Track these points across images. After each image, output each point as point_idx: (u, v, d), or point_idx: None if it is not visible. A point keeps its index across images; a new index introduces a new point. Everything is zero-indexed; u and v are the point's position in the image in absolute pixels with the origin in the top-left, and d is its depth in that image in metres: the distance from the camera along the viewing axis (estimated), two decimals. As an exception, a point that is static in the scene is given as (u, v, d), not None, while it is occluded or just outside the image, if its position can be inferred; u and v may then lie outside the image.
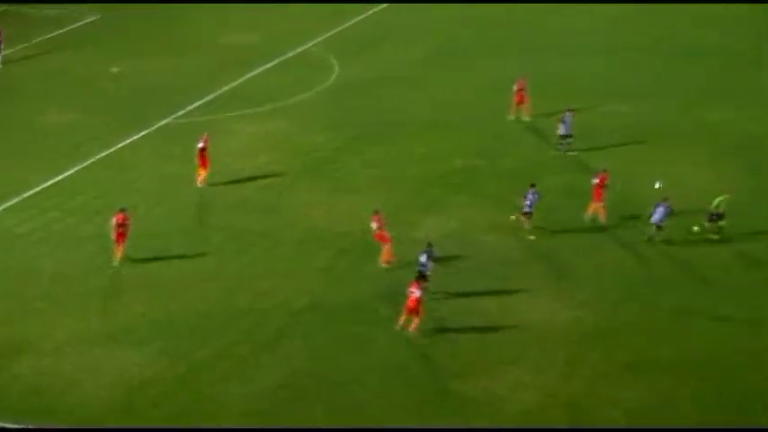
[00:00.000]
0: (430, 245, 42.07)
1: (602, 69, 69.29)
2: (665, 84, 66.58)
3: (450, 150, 56.50)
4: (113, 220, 44.25)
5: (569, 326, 40.23)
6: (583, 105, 59.60)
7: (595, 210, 47.98)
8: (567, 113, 55.73)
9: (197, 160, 51.94)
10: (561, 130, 55.51)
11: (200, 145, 51.93)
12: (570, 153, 55.26)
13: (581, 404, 35.82)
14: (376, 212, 44.81)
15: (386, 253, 44.12)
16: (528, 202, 46.55)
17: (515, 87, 59.99)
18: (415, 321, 38.95)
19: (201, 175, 51.96)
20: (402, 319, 39.21)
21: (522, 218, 46.76)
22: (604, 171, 48.54)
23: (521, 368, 37.68)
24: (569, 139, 55.37)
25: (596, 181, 48.01)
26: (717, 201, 46.59)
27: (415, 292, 38.90)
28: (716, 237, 46.40)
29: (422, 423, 34.72)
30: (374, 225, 44.39)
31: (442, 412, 35.35)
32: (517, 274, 43.90)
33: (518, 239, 46.72)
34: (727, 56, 71.77)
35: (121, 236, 44.10)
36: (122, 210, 44.60)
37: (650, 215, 45.62)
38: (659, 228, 45.33)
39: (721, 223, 46.43)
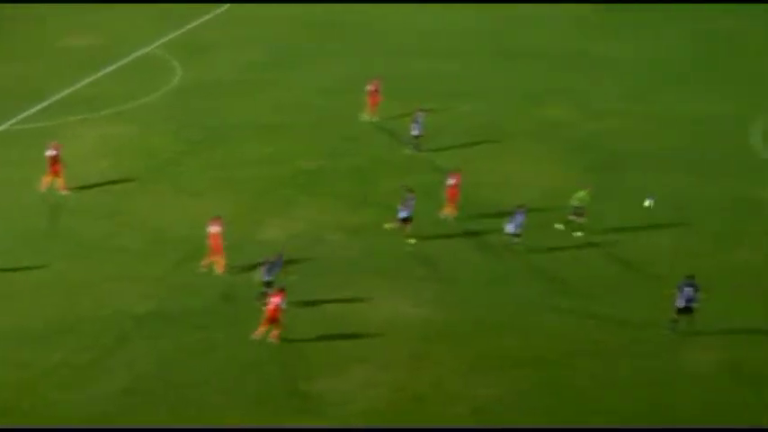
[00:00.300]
0: (279, 255, 41.67)
1: (447, 70, 69.85)
2: (506, 83, 67.47)
3: (296, 152, 56.36)
4: None
5: (415, 323, 40.41)
6: (429, 105, 59.88)
7: (449, 209, 48.35)
8: (419, 113, 56.07)
9: (48, 168, 50.73)
10: (414, 131, 55.86)
11: (51, 153, 50.72)
12: (423, 153, 55.58)
13: (428, 399, 36.02)
14: (215, 218, 44.35)
15: (219, 263, 43.74)
16: (406, 207, 46.38)
17: (370, 88, 60.14)
18: (275, 331, 38.68)
19: (47, 182, 50.80)
20: (261, 329, 38.88)
21: (400, 224, 46.56)
22: (458, 171, 48.99)
23: (368, 366, 37.71)
24: (420, 139, 55.78)
25: (452, 182, 48.43)
26: (578, 195, 47.34)
27: (274, 301, 38.64)
28: (580, 233, 47.15)
29: (271, 423, 34.54)
30: (213, 230, 43.85)
31: (292, 411, 35.23)
32: (364, 274, 43.90)
33: (363, 239, 46.87)
34: (563, 56, 72.99)
35: None
36: None
37: (508, 222, 45.66)
38: (517, 235, 45.52)
39: (580, 220, 47.25)
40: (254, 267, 42.70)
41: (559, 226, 47.42)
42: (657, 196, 45.99)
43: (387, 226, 46.78)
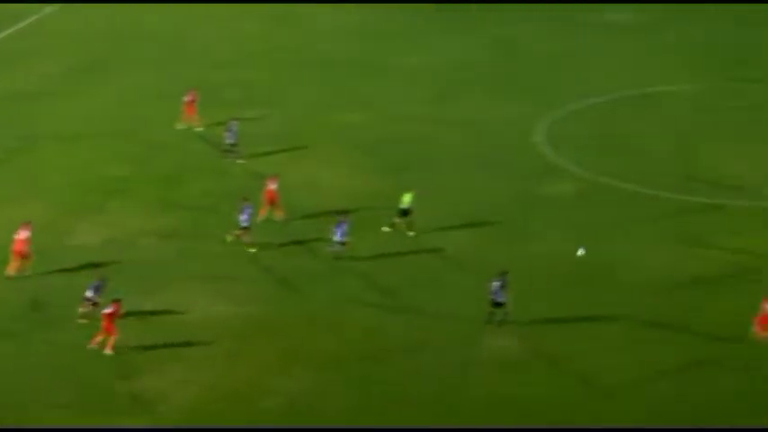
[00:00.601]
0: (102, 279, 41.87)
1: (247, 78, 70.74)
2: (305, 91, 68.89)
3: (107, 159, 56.91)
4: None
5: (230, 322, 41.62)
6: (226, 114, 60.06)
7: (272, 211, 49.62)
8: (233, 122, 57.13)
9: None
10: (228, 139, 56.90)
11: None
12: (239, 161, 56.74)
13: (242, 395, 37.22)
14: (25, 224, 44.66)
15: (19, 266, 44.03)
16: (245, 216, 46.94)
17: (187, 98, 60.80)
18: (111, 340, 39.12)
19: None
20: (97, 338, 39.35)
21: (240, 233, 47.19)
22: (276, 175, 50.49)
23: (184, 364, 38.76)
24: (236, 147, 56.84)
25: (273, 186, 49.75)
26: (405, 198, 48.99)
27: (108, 310, 39.18)
28: (411, 233, 48.85)
29: (89, 423, 35.16)
30: (22, 235, 44.04)
31: (108, 411, 35.95)
32: (178, 276, 45.00)
33: (176, 243, 47.97)
34: (360, 63, 74.53)
35: None
36: None
37: (334, 231, 46.53)
38: (342, 244, 46.45)
39: (407, 221, 48.85)
40: (65, 272, 43.28)
41: (386, 228, 49.12)
42: (587, 248, 46.95)
43: (228, 238, 47.43)
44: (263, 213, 49.41)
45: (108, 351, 38.98)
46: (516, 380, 38.41)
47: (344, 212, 46.94)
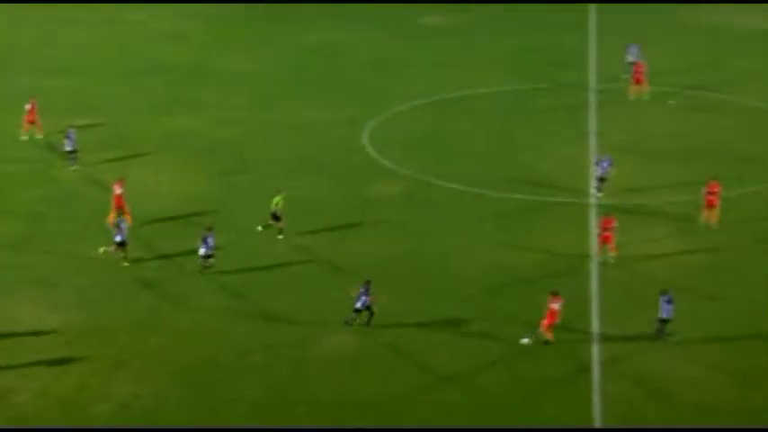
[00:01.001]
0: None
1: (71, 86, 69.91)
2: (131, 97, 68.44)
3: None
4: None
5: (58, 329, 41.26)
6: (63, 122, 59.55)
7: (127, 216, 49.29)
8: (71, 130, 56.54)
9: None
10: (67, 146, 56.27)
11: None
12: (73, 167, 56.24)
13: (73, 401, 36.98)
14: None
15: None
16: (120, 233, 46.30)
17: (27, 107, 59.96)
18: None
19: None
20: None
21: (114, 249, 46.49)
22: (122, 179, 50.32)
23: (13, 373, 38.26)
24: (75, 154, 56.33)
25: (119, 191, 49.66)
26: (275, 200, 49.14)
27: None
28: (280, 236, 49.07)
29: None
30: None
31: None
32: (7, 285, 44.54)
33: (6, 251, 47.27)
34: (186, 69, 74.27)
35: None
36: None
37: (201, 246, 46.05)
38: (209, 257, 45.94)
39: (279, 224, 49.03)
40: None
41: (259, 228, 49.41)
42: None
43: (101, 250, 46.73)
44: (111, 219, 49.04)
45: None
46: (354, 377, 39.06)
47: (210, 227, 46.35)
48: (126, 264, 46.38)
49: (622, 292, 44.96)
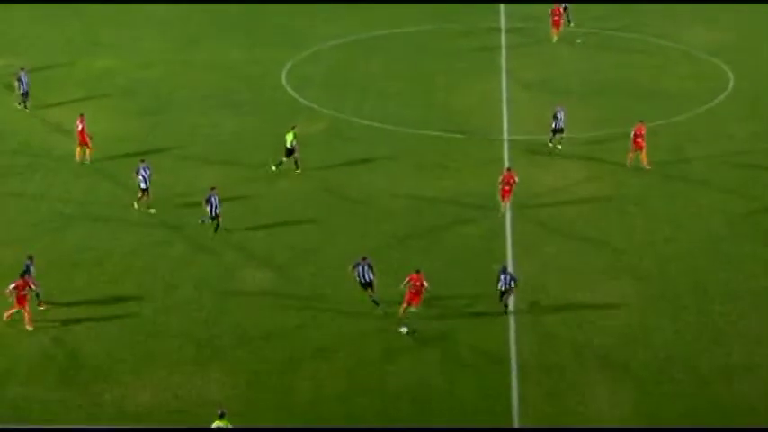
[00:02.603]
0: None
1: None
2: (49, 37, 67.39)
3: None
4: None
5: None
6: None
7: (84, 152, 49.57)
8: (22, 72, 55.76)
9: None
10: (20, 89, 55.63)
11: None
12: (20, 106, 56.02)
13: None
14: None
15: None
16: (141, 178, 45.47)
17: None
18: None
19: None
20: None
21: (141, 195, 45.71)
22: (81, 115, 49.97)
23: None
24: (27, 97, 55.86)
25: (81, 126, 49.22)
26: (289, 137, 49.05)
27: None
28: (298, 171, 49.14)
29: None
30: None
31: None
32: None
33: None
34: (101, 11, 72.33)
35: None
36: None
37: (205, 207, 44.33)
38: (215, 217, 43.81)
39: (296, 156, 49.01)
40: None
41: (273, 168, 49.24)
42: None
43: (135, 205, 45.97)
44: (78, 155, 49.25)
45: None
46: (275, 308, 39.22)
47: (213, 187, 44.41)
48: (152, 210, 45.57)
49: (536, 225, 45.41)
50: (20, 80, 55.74)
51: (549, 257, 42.67)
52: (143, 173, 45.35)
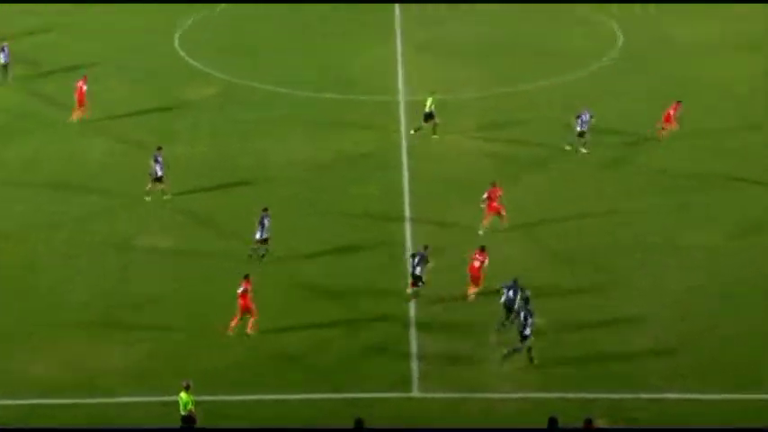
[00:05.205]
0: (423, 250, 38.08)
1: None
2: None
3: None
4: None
5: None
6: None
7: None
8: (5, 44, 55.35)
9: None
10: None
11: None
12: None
13: None
14: None
15: None
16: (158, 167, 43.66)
17: None
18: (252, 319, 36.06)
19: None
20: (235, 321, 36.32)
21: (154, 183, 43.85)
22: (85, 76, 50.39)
23: None
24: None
25: (84, 87, 49.63)
26: (428, 101, 50.32)
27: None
28: (435, 136, 48.51)
29: None
30: None
31: None
32: None
33: None
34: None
35: None
36: None
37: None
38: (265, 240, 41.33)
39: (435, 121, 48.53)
40: None
41: (412, 132, 48.76)
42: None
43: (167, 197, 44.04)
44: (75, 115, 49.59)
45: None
46: (173, 274, 38.74)
47: (265, 208, 40.14)
48: (168, 196, 43.91)
49: (433, 184, 45.48)
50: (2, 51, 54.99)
51: (447, 216, 42.75)
52: (159, 160, 43.60)
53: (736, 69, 57.59)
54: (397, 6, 67.67)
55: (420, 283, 37.38)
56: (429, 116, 48.88)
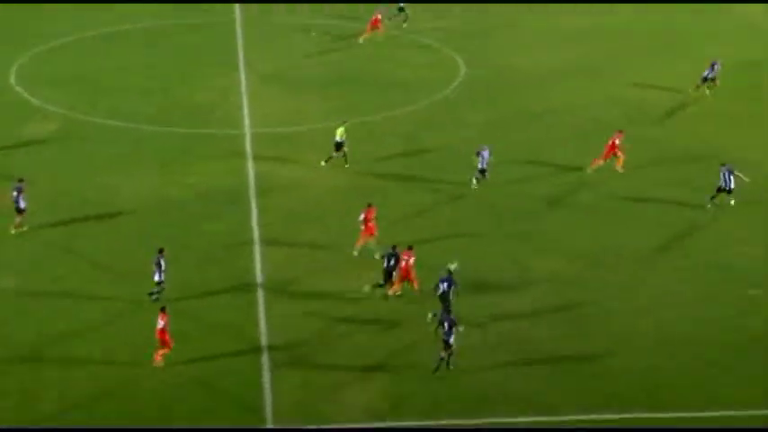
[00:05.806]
0: None
1: None
2: None
3: None
4: None
5: None
6: None
7: None
8: None
9: None
10: None
11: None
12: None
13: None
14: None
15: None
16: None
17: None
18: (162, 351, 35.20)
19: None
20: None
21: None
22: None
23: None
24: None
25: None
26: (339, 131, 48.20)
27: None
28: (347, 166, 48.02)
29: None
30: None
31: None
32: None
33: None
34: None
35: None
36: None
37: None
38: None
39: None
40: None
41: (323, 163, 48.05)
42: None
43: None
44: None
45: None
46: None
47: (161, 249, 38.96)
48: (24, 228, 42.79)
49: (282, 217, 45.17)
50: None
51: (297, 248, 42.48)
52: (18, 193, 42.44)
53: (576, 95, 58.94)
54: (239, 35, 67.35)
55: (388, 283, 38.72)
56: (339, 145, 48.72)
